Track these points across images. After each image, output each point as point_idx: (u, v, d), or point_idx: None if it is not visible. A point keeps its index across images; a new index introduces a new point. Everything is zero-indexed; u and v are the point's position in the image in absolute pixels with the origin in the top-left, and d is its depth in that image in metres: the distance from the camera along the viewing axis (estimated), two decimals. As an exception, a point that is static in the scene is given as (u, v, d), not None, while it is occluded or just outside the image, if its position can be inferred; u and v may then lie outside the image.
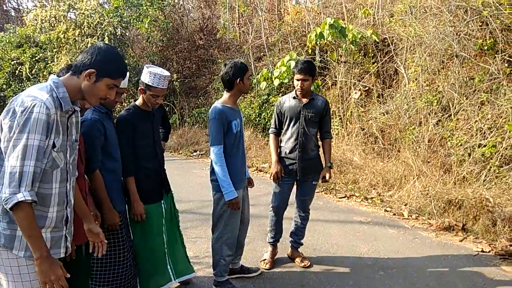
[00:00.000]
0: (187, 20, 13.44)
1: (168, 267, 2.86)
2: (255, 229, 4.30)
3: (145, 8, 11.91)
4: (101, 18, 11.45)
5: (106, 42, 11.16)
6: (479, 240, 3.79)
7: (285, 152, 3.30)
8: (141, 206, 2.67)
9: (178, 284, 3.06)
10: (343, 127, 7.43)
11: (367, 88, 7.56)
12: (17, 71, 15.25)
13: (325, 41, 7.14)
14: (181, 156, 9.42)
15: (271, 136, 3.44)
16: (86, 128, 2.33)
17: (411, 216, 4.55)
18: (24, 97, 1.61)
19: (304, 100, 3.23)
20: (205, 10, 13.39)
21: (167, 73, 2.69)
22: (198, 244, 3.99)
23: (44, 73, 13.84)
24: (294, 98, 3.27)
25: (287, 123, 3.29)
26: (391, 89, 7.27)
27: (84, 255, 2.37)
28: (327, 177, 3.29)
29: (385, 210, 4.83)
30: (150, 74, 2.62)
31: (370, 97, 7.54)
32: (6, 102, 16.24)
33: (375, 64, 7.82)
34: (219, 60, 11.26)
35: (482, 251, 3.60)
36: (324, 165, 3.38)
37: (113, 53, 1.77)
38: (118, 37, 12.00)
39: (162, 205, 2.84)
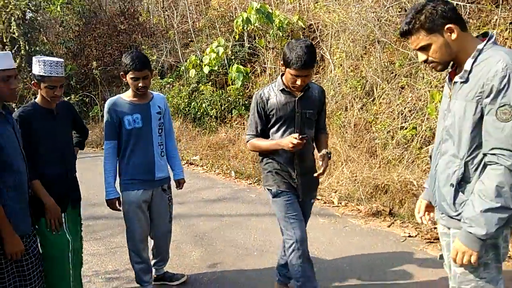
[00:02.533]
0: (106, 3, 12.48)
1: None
2: (182, 231, 4.06)
3: (57, -11, 10.83)
4: (6, 1, 10.21)
5: (14, 27, 10.01)
6: (405, 225, 3.90)
7: (280, 165, 2.43)
8: (57, 210, 2.34)
9: None
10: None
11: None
12: None
13: (253, 26, 6.96)
14: (98, 151, 8.69)
15: (253, 141, 2.47)
16: None
17: (340, 203, 4.58)
18: None
19: (298, 93, 2.36)
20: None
21: (58, 59, 2.36)
22: (118, 255, 3.59)
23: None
24: (283, 91, 2.35)
25: (277, 126, 2.39)
26: (318, 75, 7.33)
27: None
28: (323, 165, 2.40)
29: (316, 199, 4.79)
30: (40, 63, 2.28)
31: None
32: None
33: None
34: (143, 46, 10.63)
35: (409, 235, 3.70)
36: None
37: None
38: (27, 22, 10.81)
39: (64, 218, 2.45)
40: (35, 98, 2.46)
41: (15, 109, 2.72)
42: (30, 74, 2.63)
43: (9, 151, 2.04)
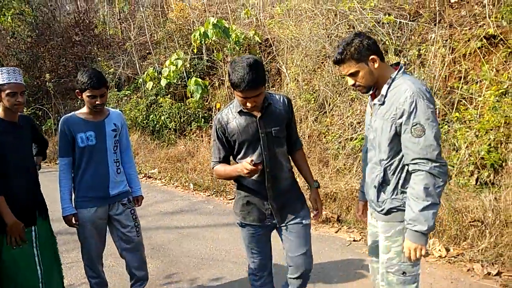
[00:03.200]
0: (60, 14, 12.21)
1: None
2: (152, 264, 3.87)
3: (6, 1, 10.48)
4: (-51, 10, 9.77)
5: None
6: (351, 230, 4.13)
7: (248, 192, 2.24)
8: (19, 225, 2.35)
9: None
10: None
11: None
12: None
13: (210, 40, 7.10)
14: (57, 166, 8.49)
15: (216, 168, 2.29)
16: None
17: None
18: None
19: (258, 112, 2.12)
20: (80, 3, 12.33)
21: (15, 67, 2.43)
22: (74, 270, 3.61)
23: None
24: (240, 112, 2.12)
25: (243, 151, 2.18)
26: (274, 88, 7.57)
27: None
28: (318, 205, 2.31)
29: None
30: None
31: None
32: None
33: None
34: (99, 58, 10.49)
35: (354, 240, 3.92)
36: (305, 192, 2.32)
37: None
38: (-27, 32, 10.38)
39: (33, 232, 2.49)
40: None
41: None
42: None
43: None
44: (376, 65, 1.89)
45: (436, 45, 5.57)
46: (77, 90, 2.63)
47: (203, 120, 7.87)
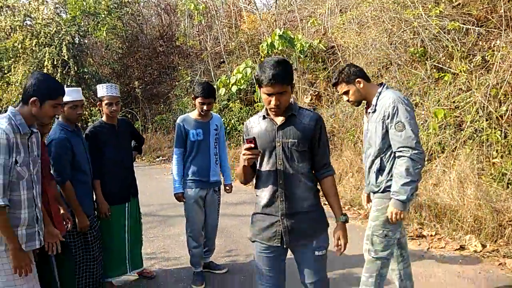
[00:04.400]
0: (146, 28, 13.62)
1: (127, 261, 3.31)
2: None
3: (103, 16, 12.02)
4: (58, 27, 11.44)
5: (64, 51, 11.21)
6: None
7: (261, 206, 2.13)
8: (105, 206, 3.12)
9: (137, 276, 3.54)
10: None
11: (317, 93, 8.14)
12: (-29, 82, 14.91)
13: (276, 50, 7.64)
14: (144, 162, 9.66)
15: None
16: (53, 147, 2.71)
17: (344, 207, 5.19)
18: None
19: (279, 119, 2.07)
20: (164, 16, 13.63)
21: (113, 84, 3.24)
22: (155, 242, 4.41)
23: (1, 83, 13.58)
24: (264, 118, 2.11)
25: (259, 159, 2.12)
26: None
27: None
28: (341, 242, 2.12)
29: (324, 204, 5.35)
30: (101, 87, 3.17)
31: (320, 101, 8.13)
32: (-40, 113, 15.76)
33: (325, 70, 8.43)
34: (179, 67, 11.57)
35: None
36: (333, 221, 2.18)
37: (46, 78, 2.21)
38: (76, 46, 12.03)
39: (126, 207, 3.28)
40: (101, 117, 3.31)
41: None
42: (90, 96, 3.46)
43: (79, 157, 2.89)
44: (361, 85, 2.57)
45: (504, 50, 5.51)
46: (192, 96, 3.36)
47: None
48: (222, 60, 10.88)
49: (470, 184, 4.10)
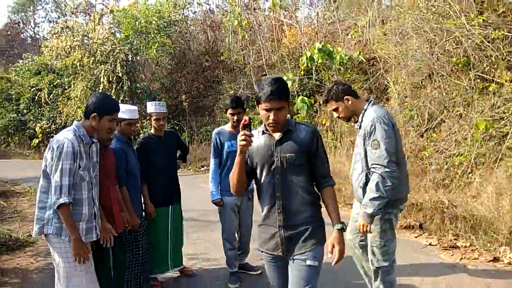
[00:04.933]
0: (193, 44, 14.28)
1: (169, 259, 3.64)
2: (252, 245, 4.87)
3: (153, 35, 12.79)
4: (113, 46, 12.33)
5: (119, 68, 12.05)
6: (431, 236, 4.44)
7: (263, 217, 2.23)
8: (151, 208, 3.47)
9: (178, 273, 3.87)
10: (337, 140, 8.04)
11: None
12: (36, 97, 16.30)
13: (316, 63, 7.81)
14: (189, 171, 10.13)
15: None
16: (114, 155, 3.08)
17: None
18: (57, 138, 2.46)
19: (277, 135, 2.15)
20: (210, 33, 14.23)
21: (161, 102, 3.68)
22: (197, 244, 4.74)
23: (62, 98, 14.76)
24: (263, 132, 2.19)
25: (258, 172, 2.20)
26: (381, 104, 7.87)
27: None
28: (335, 249, 2.09)
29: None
30: (151, 104, 3.61)
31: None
32: (27, 125, 17.27)
33: (367, 81, 8.46)
34: (224, 81, 12.02)
35: (430, 244, 4.28)
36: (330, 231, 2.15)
37: (104, 97, 2.66)
38: (129, 63, 12.86)
39: (170, 210, 3.63)
40: (150, 130, 3.73)
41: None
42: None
43: (131, 164, 3.28)
44: (350, 102, 2.73)
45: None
46: (224, 109, 3.70)
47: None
48: (264, 73, 11.18)
49: (506, 196, 4.03)
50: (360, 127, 2.69)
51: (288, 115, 2.18)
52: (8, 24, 28.35)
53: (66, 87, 14.46)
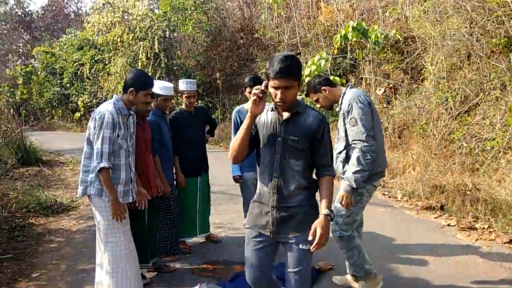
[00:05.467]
0: (229, 21, 14.33)
1: (197, 225, 3.95)
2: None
3: (189, 12, 12.95)
4: (151, 23, 12.61)
5: (156, 44, 12.35)
6: (451, 218, 4.51)
7: (258, 193, 2.23)
8: (181, 177, 3.77)
9: (205, 239, 4.18)
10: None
11: (391, 85, 8.05)
12: (78, 72, 17.05)
13: (350, 42, 7.70)
14: (221, 148, 10.45)
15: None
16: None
17: (403, 198, 5.36)
18: (99, 109, 2.74)
19: (285, 115, 2.12)
20: (246, 9, 14.20)
21: (193, 80, 3.93)
22: (223, 215, 5.07)
23: (102, 73, 15.34)
24: (272, 109, 2.17)
25: (261, 147, 2.18)
26: (416, 85, 7.71)
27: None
28: (317, 233, 1.99)
29: (383, 194, 5.64)
30: (183, 82, 3.82)
31: (395, 94, 8.03)
32: (70, 99, 18.14)
33: (403, 61, 8.27)
34: (257, 59, 12.07)
35: (449, 225, 4.36)
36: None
37: (141, 74, 2.92)
38: (166, 39, 13.13)
39: (198, 180, 3.92)
40: (182, 106, 3.98)
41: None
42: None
43: (164, 136, 3.56)
44: (327, 92, 2.96)
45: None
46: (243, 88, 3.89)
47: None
48: (298, 51, 11.12)
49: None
50: (340, 109, 2.91)
51: (300, 97, 2.16)
52: (53, -1, 29.37)
53: (106, 63, 14.99)
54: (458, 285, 3.14)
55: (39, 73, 19.70)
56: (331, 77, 8.16)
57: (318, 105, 3.07)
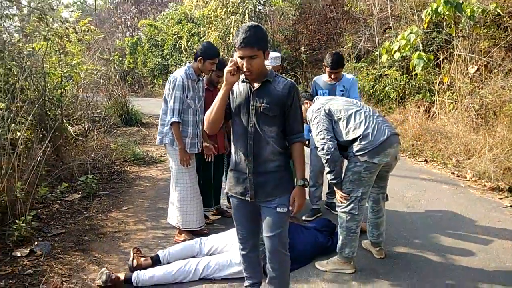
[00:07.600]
0: (320, -6, 14.16)
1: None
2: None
3: (281, -15, 13.09)
4: (243, -4, 13.04)
5: (247, 18, 12.78)
6: None
7: (233, 163, 2.32)
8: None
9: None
10: (455, 101, 7.53)
11: (485, 63, 7.45)
12: (177, 44, 18.39)
13: (441, 16, 7.26)
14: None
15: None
16: None
17: (472, 178, 5.16)
18: (174, 74, 3.27)
19: (256, 85, 2.20)
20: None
21: (278, 54, 4.13)
22: None
23: (197, 46, 16.35)
24: (243, 81, 2.24)
25: (234, 117, 2.29)
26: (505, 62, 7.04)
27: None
28: (295, 205, 2.20)
29: (452, 173, 5.46)
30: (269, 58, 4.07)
31: (490, 72, 7.41)
32: (169, 69, 19.72)
33: (503, 38, 7.56)
34: (345, 33, 11.86)
35: (511, 206, 4.23)
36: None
37: (209, 45, 3.38)
38: (257, 14, 13.49)
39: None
40: None
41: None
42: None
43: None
44: (308, 105, 3.30)
45: None
46: (324, 64, 4.00)
47: (428, 93, 8.15)
48: (389, 25, 10.69)
49: None
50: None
51: (269, 67, 2.28)
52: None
53: (201, 36, 15.94)
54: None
55: (143, 44, 21.60)
56: (416, 53, 7.83)
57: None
